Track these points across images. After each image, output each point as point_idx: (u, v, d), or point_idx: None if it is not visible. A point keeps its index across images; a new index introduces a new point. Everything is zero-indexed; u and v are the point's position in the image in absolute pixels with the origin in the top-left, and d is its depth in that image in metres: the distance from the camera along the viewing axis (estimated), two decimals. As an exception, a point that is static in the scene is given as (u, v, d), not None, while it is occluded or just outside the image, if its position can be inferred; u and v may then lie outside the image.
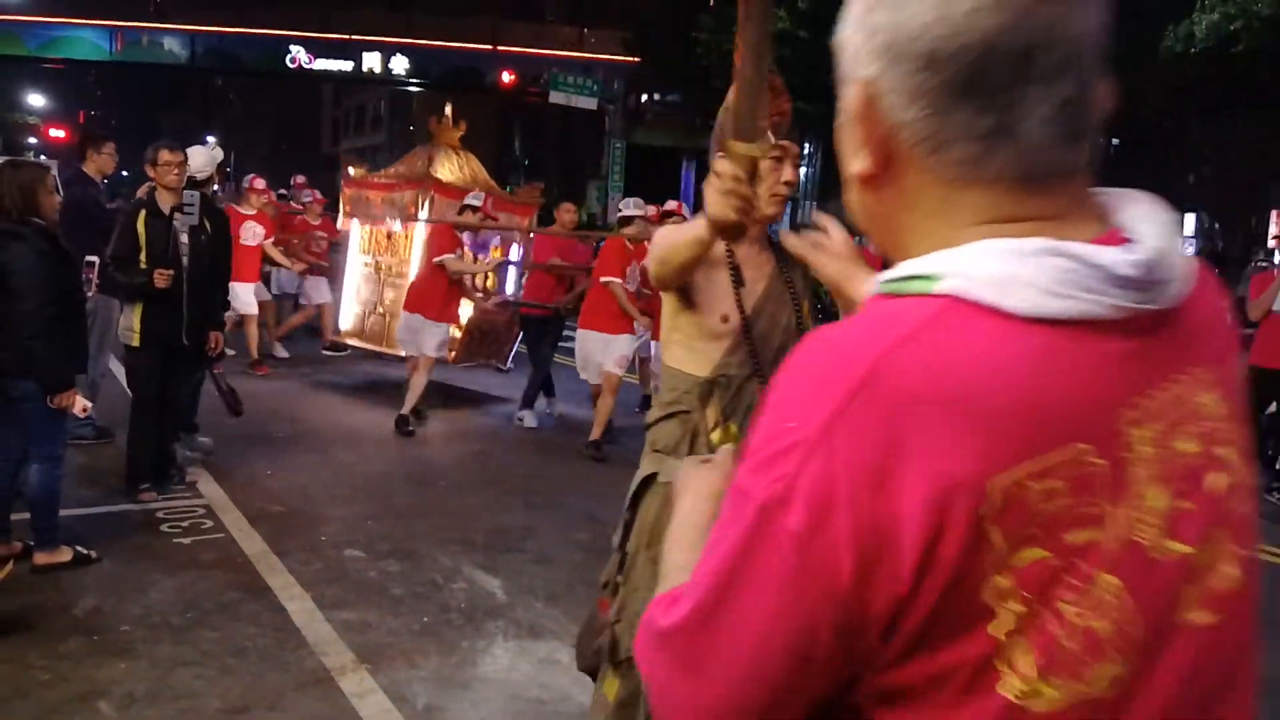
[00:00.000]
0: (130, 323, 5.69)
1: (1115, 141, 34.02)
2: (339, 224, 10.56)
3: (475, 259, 8.95)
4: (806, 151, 33.44)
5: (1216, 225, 23.17)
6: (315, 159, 60.61)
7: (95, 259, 5.66)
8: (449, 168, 9.30)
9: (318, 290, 11.21)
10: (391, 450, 7.49)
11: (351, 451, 7.30)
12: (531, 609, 4.62)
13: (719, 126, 2.46)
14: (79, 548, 4.69)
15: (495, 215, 8.79)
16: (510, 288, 9.59)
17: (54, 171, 4.94)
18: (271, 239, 10.33)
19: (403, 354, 8.80)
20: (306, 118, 66.86)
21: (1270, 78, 16.67)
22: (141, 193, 6.07)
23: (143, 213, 5.66)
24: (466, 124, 9.98)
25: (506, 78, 33.99)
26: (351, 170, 10.62)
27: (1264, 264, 15.22)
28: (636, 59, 31.88)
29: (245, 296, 9.82)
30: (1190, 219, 32.02)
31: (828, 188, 32.42)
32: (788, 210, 32.05)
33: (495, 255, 9.47)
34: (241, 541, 5.18)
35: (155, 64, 38.51)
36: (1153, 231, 0.85)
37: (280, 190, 15.86)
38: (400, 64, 38.04)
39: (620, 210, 8.16)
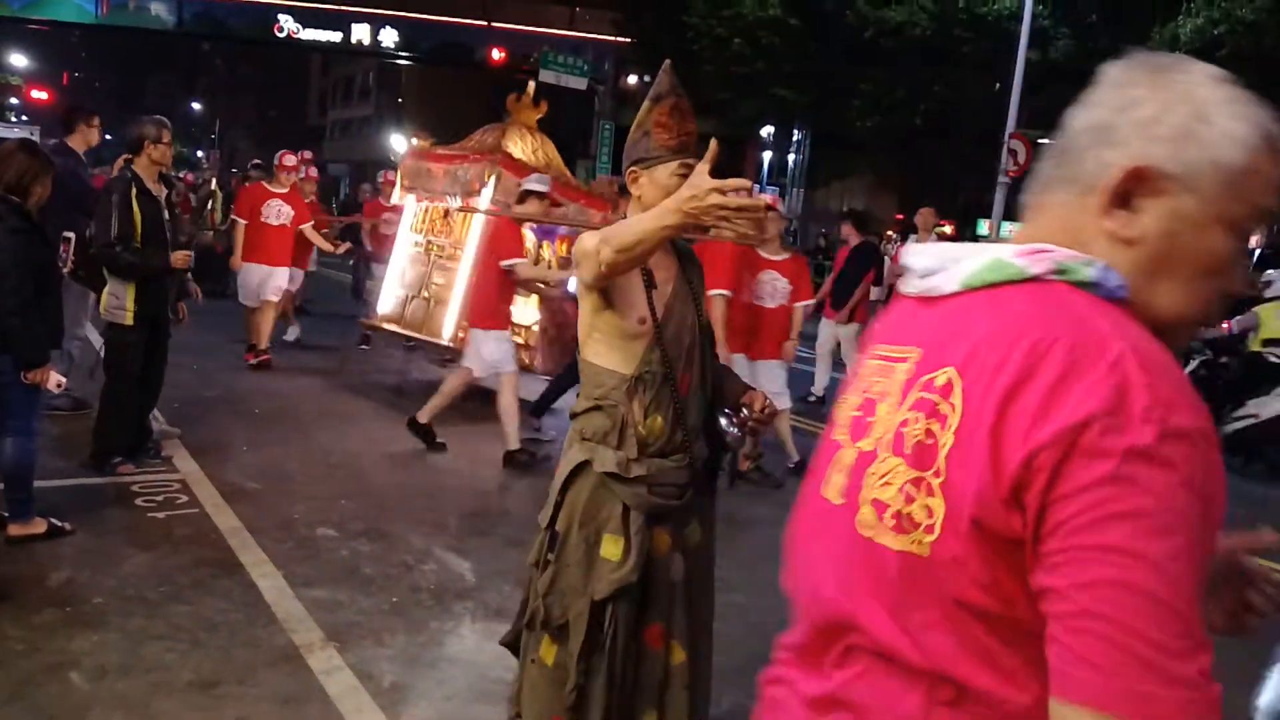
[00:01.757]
0: (124, 302, 5.70)
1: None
2: (395, 198, 9.76)
3: (540, 247, 8.39)
4: (795, 139, 33.50)
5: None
6: (301, 129, 60.35)
7: (72, 235, 5.65)
8: (522, 147, 8.53)
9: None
10: (369, 430, 7.55)
11: (329, 431, 7.35)
12: (500, 591, 4.70)
13: (630, 144, 2.65)
14: (53, 520, 4.75)
15: (559, 202, 7.85)
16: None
17: (36, 139, 4.95)
18: (310, 223, 9.81)
19: (444, 342, 8.23)
20: (293, 87, 66.39)
21: (1253, 80, 16.86)
22: (118, 168, 6.05)
23: (135, 192, 5.67)
24: (527, 95, 8.89)
25: (496, 54, 33.89)
26: (414, 140, 9.93)
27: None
28: (627, 40, 31.84)
29: (251, 281, 9.38)
30: (1172, 217, 32.30)
31: (815, 174, 32.51)
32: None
33: (563, 252, 8.56)
34: (215, 517, 5.25)
35: (141, 29, 38.13)
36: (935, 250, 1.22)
37: (249, 165, 15.68)
38: (390, 36, 37.82)
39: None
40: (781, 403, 6.82)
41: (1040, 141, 19.77)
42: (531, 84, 9.11)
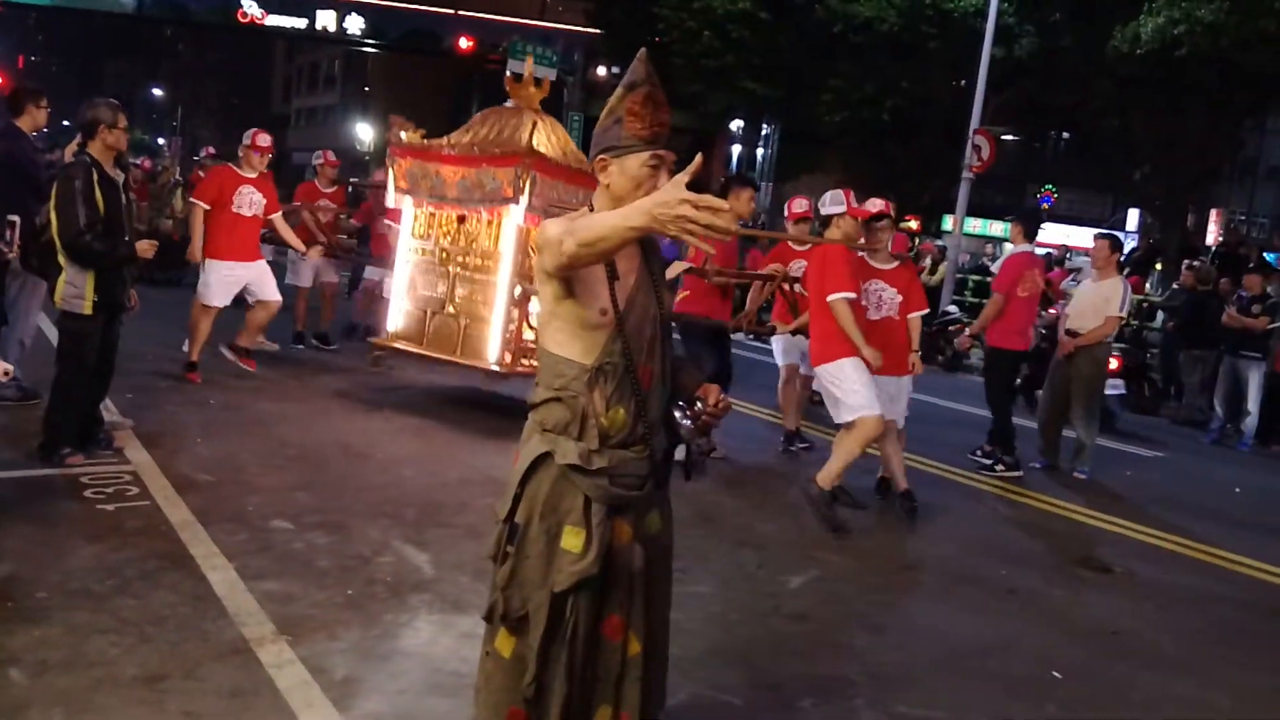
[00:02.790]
0: (82, 291, 5.57)
1: (1065, 136, 34.59)
2: (389, 201, 8.43)
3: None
4: (764, 133, 33.60)
5: (1156, 222, 23.66)
6: (265, 116, 59.71)
7: (17, 218, 5.50)
8: (541, 136, 7.59)
9: (299, 275, 10.26)
10: (328, 421, 7.47)
11: (286, 422, 7.26)
12: (458, 583, 4.65)
13: (600, 131, 2.60)
14: None
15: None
16: None
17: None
18: (279, 212, 8.82)
19: (491, 366, 7.51)
20: (257, 73, 65.77)
21: (1211, 80, 17.07)
22: (71, 153, 5.93)
23: (95, 177, 5.55)
24: (527, 77, 8.06)
25: (464, 43, 33.69)
26: (404, 135, 8.15)
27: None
28: (597, 31, 31.79)
29: (214, 283, 8.30)
30: (1134, 214, 32.63)
31: (784, 169, 32.61)
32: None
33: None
34: (167, 509, 5.15)
35: (100, 11, 37.60)
36: None
37: (202, 153, 15.49)
38: (356, 23, 37.62)
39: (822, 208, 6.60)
40: (895, 414, 6.61)
41: (1004, 138, 20.00)
42: (529, 61, 8.65)
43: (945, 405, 11.26)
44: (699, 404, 2.71)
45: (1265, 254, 19.58)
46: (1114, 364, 9.96)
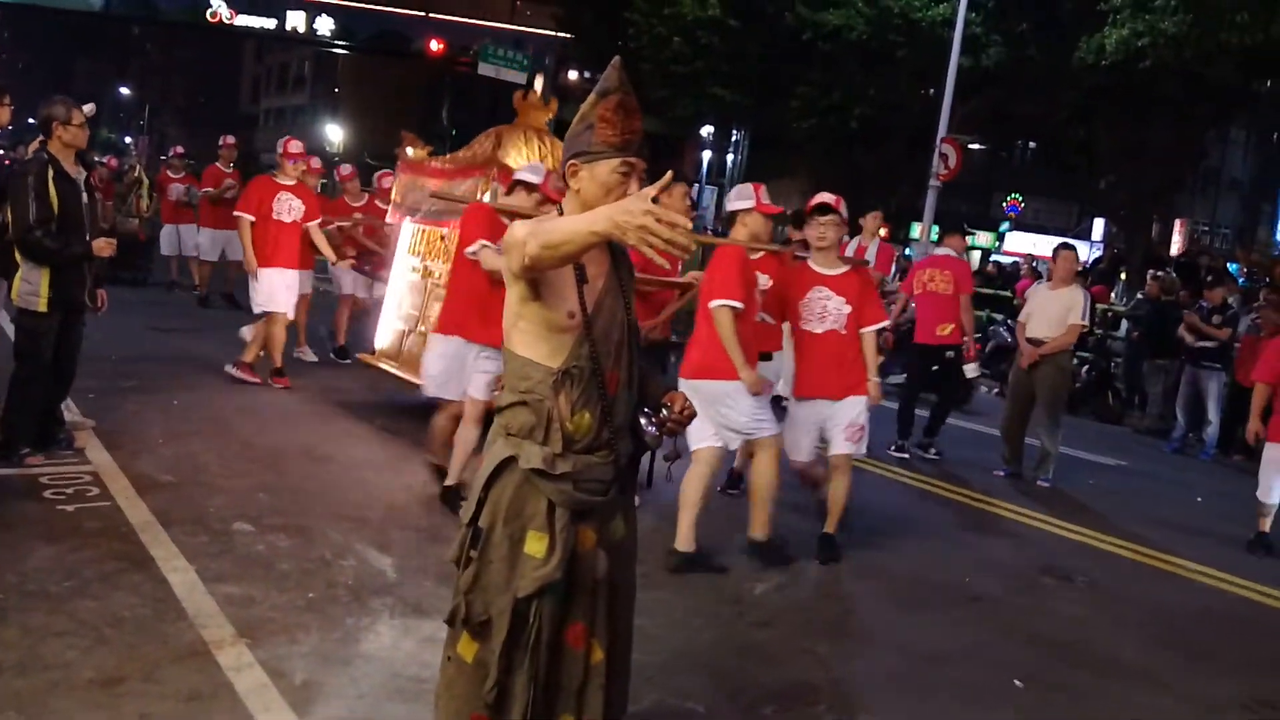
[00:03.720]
0: (36, 288, 5.53)
1: (1031, 145, 34.94)
2: (388, 216, 8.62)
3: None
4: (733, 139, 33.70)
5: (1120, 231, 23.95)
6: (233, 116, 59.33)
7: None
8: (526, 153, 7.42)
9: (339, 282, 10.11)
10: (292, 423, 7.41)
11: (250, 423, 7.20)
12: (420, 587, 4.64)
13: (572, 136, 2.61)
14: None
15: (556, 200, 7.11)
16: None
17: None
18: (319, 220, 8.83)
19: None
20: (226, 73, 65.31)
21: (1175, 91, 17.30)
22: (32, 150, 5.87)
23: (51, 174, 5.50)
24: (535, 94, 8.26)
25: (435, 45, 33.59)
26: (410, 151, 8.28)
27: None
28: (568, 35, 31.83)
29: (269, 286, 8.38)
30: (1099, 224, 32.99)
31: (753, 174, 32.73)
32: (715, 196, 32.20)
33: None
34: (127, 510, 5.10)
35: (68, 10, 37.28)
36: None
37: (170, 152, 15.39)
38: (326, 24, 37.51)
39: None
40: (847, 447, 5.74)
41: (971, 146, 20.17)
42: (540, 79, 8.58)
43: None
44: (664, 410, 2.71)
45: (1229, 265, 19.83)
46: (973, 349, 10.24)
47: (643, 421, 2.71)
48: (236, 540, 4.94)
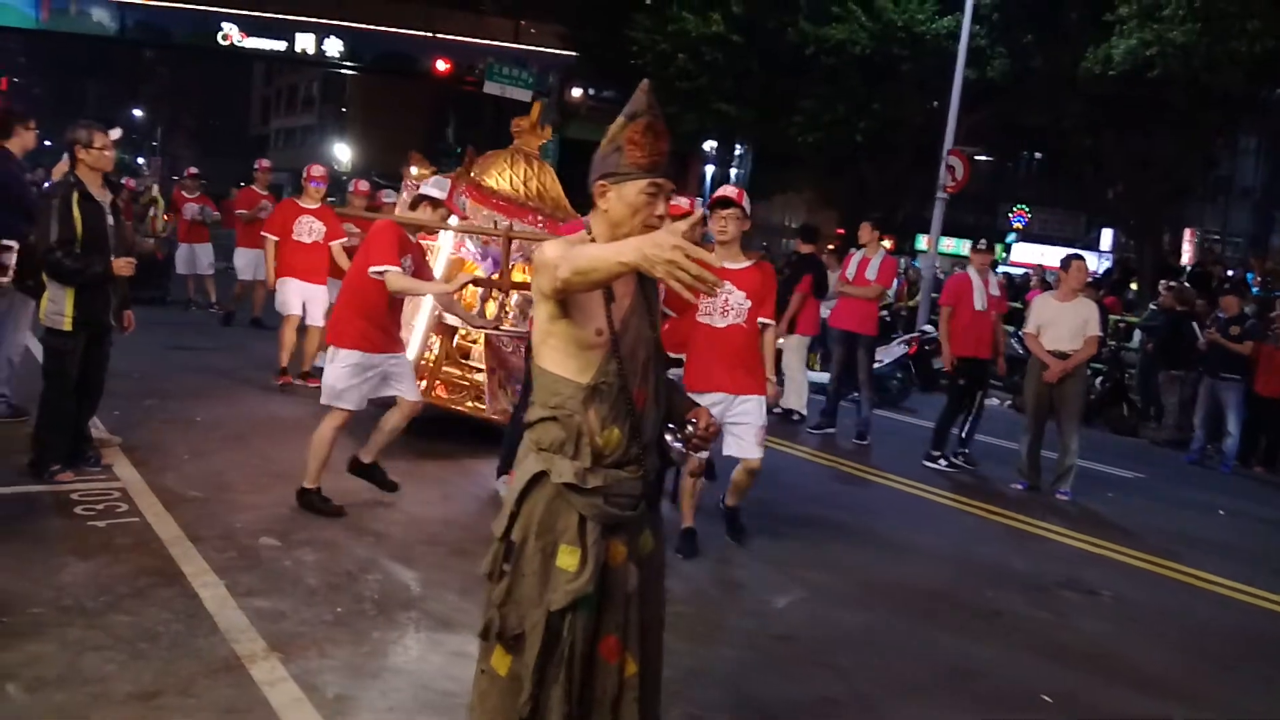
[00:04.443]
0: (61, 307, 5.60)
1: (1038, 156, 34.94)
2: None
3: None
4: (737, 154, 33.76)
5: (1130, 241, 23.88)
6: (244, 137, 59.70)
7: (14, 243, 5.50)
8: (510, 175, 7.81)
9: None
10: (310, 441, 7.43)
11: (273, 440, 7.26)
12: (445, 601, 4.69)
13: (600, 157, 2.65)
14: None
15: (464, 215, 7.15)
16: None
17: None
18: (343, 239, 9.27)
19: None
20: (236, 95, 65.69)
21: (1183, 100, 17.25)
22: (59, 173, 5.95)
23: (76, 196, 5.58)
24: (533, 119, 8.34)
25: (441, 65, 33.78)
26: (414, 169, 8.51)
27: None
28: (572, 53, 31.96)
29: (286, 295, 9.17)
30: (1107, 234, 32.93)
31: (757, 189, 32.77)
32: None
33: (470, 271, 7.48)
34: (156, 526, 5.17)
35: (82, 34, 37.61)
36: None
37: (184, 173, 15.52)
38: (334, 46, 37.67)
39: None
40: (757, 452, 5.85)
41: (977, 158, 20.18)
42: (537, 105, 8.75)
43: (922, 424, 11.33)
44: (689, 426, 2.76)
45: (1247, 275, 19.76)
46: (911, 349, 10.35)
47: (668, 438, 2.75)
48: (264, 555, 5.00)
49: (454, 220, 6.99)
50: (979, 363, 9.16)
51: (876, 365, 11.93)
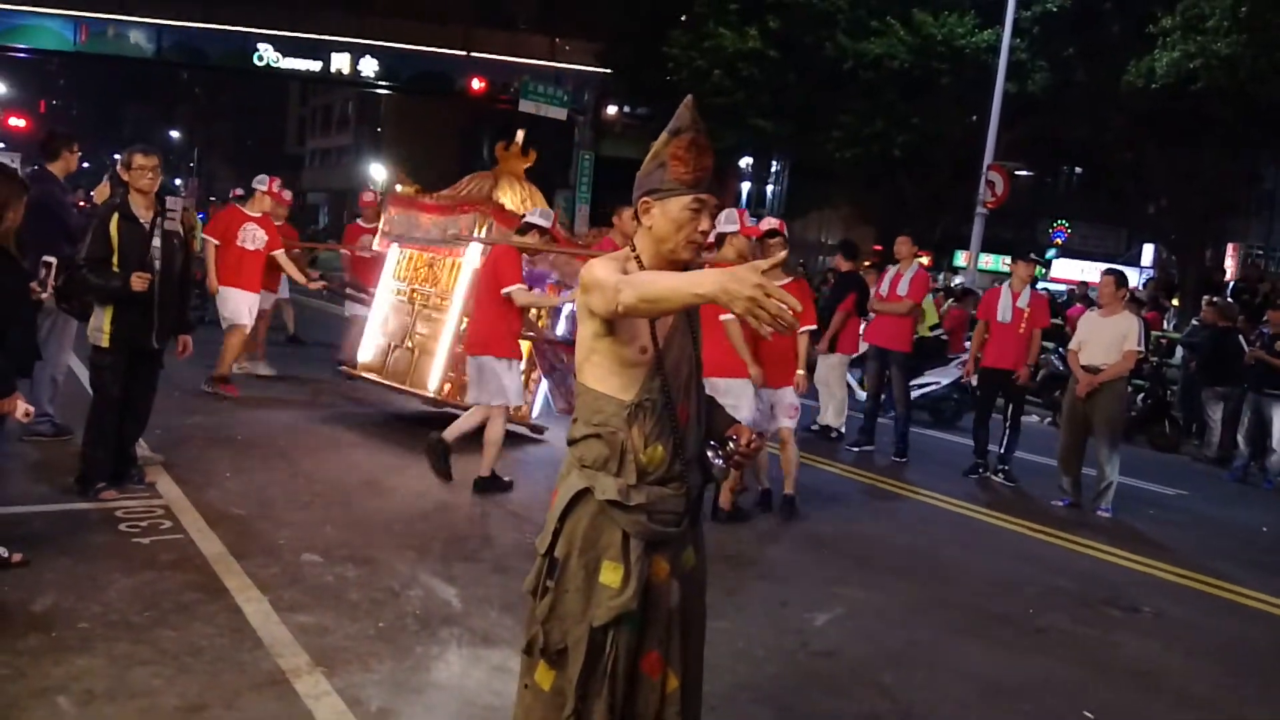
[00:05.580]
0: (100, 324, 5.69)
1: (1079, 171, 34.67)
2: (375, 244, 9.61)
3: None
4: (774, 169, 33.80)
5: (1172, 256, 23.58)
6: (279, 157, 60.33)
7: (54, 260, 5.57)
8: (511, 196, 8.53)
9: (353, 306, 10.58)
10: (351, 457, 7.53)
11: (311, 457, 7.33)
12: (486, 617, 4.70)
13: (644, 174, 2.66)
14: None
15: (560, 239, 7.79)
16: (561, 329, 8.49)
17: (16, 166, 4.92)
18: (281, 250, 9.75)
19: (430, 394, 8.15)
20: (272, 115, 66.42)
21: (1227, 114, 17.00)
22: (101, 196, 6.03)
23: (115, 216, 5.67)
24: (516, 145, 8.92)
25: (477, 84, 34.04)
26: (399, 187, 9.56)
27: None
28: (607, 70, 32.09)
29: (235, 304, 9.30)
30: (1149, 249, 32.54)
31: (793, 205, 32.76)
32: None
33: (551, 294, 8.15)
34: (200, 543, 5.21)
35: (119, 56, 38.17)
36: None
37: (230, 194, 15.75)
38: (369, 66, 37.97)
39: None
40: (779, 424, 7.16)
41: (1018, 173, 20.07)
42: (520, 133, 9.02)
43: (964, 443, 11.25)
44: (731, 443, 2.75)
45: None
46: (966, 371, 10.36)
47: (709, 454, 2.74)
48: (306, 571, 5.03)
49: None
50: (997, 372, 9.27)
51: (933, 386, 11.92)
